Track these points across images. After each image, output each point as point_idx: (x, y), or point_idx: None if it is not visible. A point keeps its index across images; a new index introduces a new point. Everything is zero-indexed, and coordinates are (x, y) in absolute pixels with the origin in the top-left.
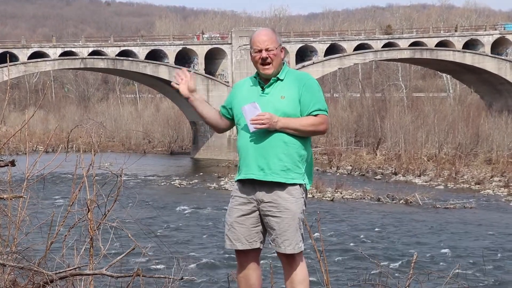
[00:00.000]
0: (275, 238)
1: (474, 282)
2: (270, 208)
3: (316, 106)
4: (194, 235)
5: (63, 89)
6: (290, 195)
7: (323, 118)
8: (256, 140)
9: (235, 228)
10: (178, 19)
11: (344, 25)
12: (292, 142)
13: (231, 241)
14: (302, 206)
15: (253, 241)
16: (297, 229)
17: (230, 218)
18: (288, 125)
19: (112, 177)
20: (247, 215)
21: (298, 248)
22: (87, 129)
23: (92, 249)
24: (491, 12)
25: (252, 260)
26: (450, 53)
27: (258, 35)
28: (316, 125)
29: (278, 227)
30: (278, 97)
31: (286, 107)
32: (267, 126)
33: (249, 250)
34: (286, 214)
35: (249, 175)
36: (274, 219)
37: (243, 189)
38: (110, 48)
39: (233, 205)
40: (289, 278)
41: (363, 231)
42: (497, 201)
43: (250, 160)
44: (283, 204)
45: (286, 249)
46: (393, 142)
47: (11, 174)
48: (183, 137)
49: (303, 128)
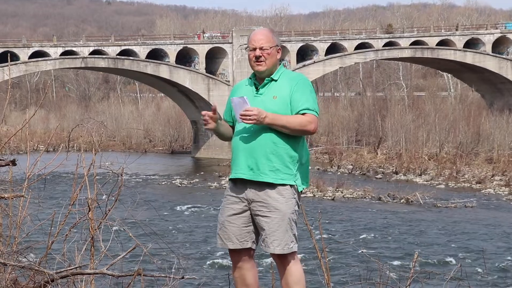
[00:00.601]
0: (264, 238)
1: (475, 281)
2: (260, 208)
3: (305, 105)
4: (195, 234)
5: (64, 89)
6: (280, 195)
7: (311, 117)
8: (246, 140)
9: (226, 227)
10: (179, 18)
11: (345, 24)
12: (281, 142)
13: (222, 240)
14: (293, 207)
15: (244, 240)
16: (288, 230)
17: (222, 217)
18: (275, 122)
19: (113, 176)
20: (238, 214)
21: (288, 248)
22: (88, 128)
23: (93, 248)
24: (492, 11)
25: (245, 260)
26: (451, 52)
27: (255, 34)
28: (304, 124)
29: (267, 227)
30: (271, 97)
31: (277, 106)
32: (254, 122)
33: (242, 250)
34: (275, 214)
35: (239, 175)
36: (264, 219)
37: (234, 188)
38: (111, 48)
39: (225, 204)
40: (284, 279)
41: (364, 230)
42: (498, 200)
43: (240, 159)
44: (273, 204)
45: (275, 249)
46: (394, 141)
47: (12, 173)
48: (184, 136)
49: (290, 126)
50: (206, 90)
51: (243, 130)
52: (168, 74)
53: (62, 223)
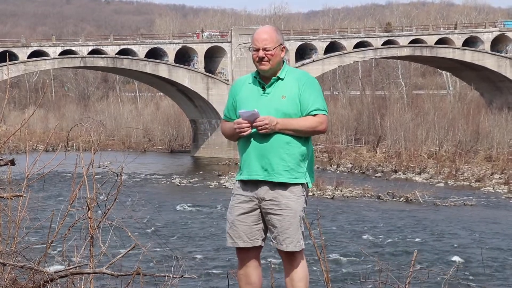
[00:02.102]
0: (276, 236)
1: (474, 280)
2: (272, 206)
3: (315, 106)
4: (194, 233)
5: (63, 88)
6: (291, 193)
7: (322, 118)
8: (257, 141)
9: (236, 226)
10: (178, 17)
11: (344, 23)
12: (293, 142)
13: (233, 239)
14: (303, 204)
15: (255, 238)
16: (298, 227)
17: (231, 216)
18: (287, 127)
19: (112, 175)
20: (248, 213)
21: (299, 246)
22: (87, 127)
23: (92, 248)
24: (491, 9)
25: (253, 258)
26: (450, 51)
27: (259, 33)
28: (315, 125)
29: (279, 225)
30: (279, 97)
31: (287, 107)
32: (266, 131)
33: (250, 248)
34: (287, 212)
35: (253, 176)
36: (276, 217)
37: (245, 187)
38: (110, 47)
39: (234, 203)
40: (289, 275)
41: (363, 228)
42: (497, 198)
43: (252, 160)
44: (284, 202)
45: (287, 246)
46: (393, 140)
47: (11, 173)
48: (183, 136)
49: (302, 129)
50: (205, 89)
51: (253, 131)
52: (167, 73)
53: (61, 222)
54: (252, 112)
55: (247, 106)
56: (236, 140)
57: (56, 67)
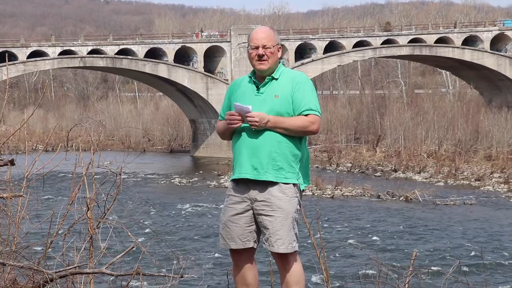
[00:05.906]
0: (268, 238)
1: (474, 278)
2: (264, 207)
3: (307, 106)
4: (194, 233)
5: (62, 88)
6: (284, 194)
7: (314, 118)
8: (249, 140)
9: (228, 227)
10: (177, 17)
11: (343, 22)
12: (285, 141)
13: (225, 240)
14: (296, 206)
15: (247, 240)
16: (291, 229)
17: (224, 217)
18: (278, 125)
19: (112, 175)
20: (241, 214)
21: (292, 247)
22: (86, 127)
23: (91, 247)
24: (490, 8)
25: (246, 259)
26: (449, 50)
27: (257, 32)
28: (306, 125)
29: (271, 226)
30: (272, 96)
31: (279, 106)
32: (256, 127)
33: (243, 250)
34: (279, 213)
35: (243, 175)
36: (267, 218)
37: (237, 188)
38: (109, 47)
39: (227, 204)
40: (284, 278)
41: (363, 228)
42: (497, 197)
43: (243, 159)
44: (276, 203)
45: (279, 248)
46: (392, 139)
47: (11, 173)
48: (182, 135)
49: (293, 128)
50: (205, 89)
51: (246, 129)
52: (166, 73)
53: (61, 222)
54: (246, 106)
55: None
56: (229, 139)
57: (55, 67)
